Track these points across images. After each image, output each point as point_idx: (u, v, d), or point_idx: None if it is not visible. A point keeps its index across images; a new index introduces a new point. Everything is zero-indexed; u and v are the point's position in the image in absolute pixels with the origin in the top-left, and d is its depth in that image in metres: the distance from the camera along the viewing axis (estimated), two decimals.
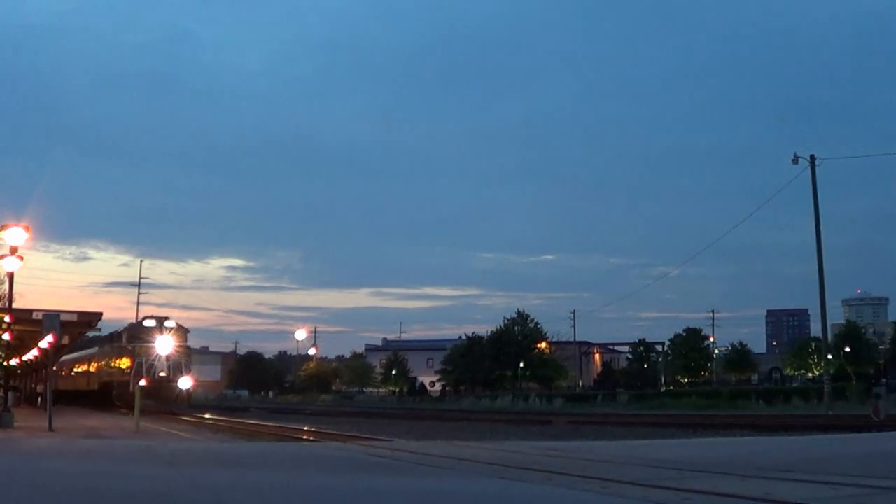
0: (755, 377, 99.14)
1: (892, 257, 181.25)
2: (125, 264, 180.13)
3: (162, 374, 44.25)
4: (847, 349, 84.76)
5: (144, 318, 47.99)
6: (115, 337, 49.44)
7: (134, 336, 45.78)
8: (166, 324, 45.76)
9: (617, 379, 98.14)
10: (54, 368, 60.18)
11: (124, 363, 45.62)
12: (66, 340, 35.09)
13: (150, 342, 43.71)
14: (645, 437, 21.81)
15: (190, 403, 46.03)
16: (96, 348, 54.47)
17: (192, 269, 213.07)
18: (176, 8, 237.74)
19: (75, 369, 59.86)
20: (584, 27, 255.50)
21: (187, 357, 46.78)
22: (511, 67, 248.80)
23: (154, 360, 44.01)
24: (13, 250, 26.11)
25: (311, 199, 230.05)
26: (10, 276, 29.04)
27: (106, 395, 46.64)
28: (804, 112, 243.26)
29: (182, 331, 47.52)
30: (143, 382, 40.27)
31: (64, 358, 60.22)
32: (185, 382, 44.43)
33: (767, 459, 10.22)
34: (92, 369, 53.89)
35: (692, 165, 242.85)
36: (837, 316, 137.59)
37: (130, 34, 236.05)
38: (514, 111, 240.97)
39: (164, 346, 42.45)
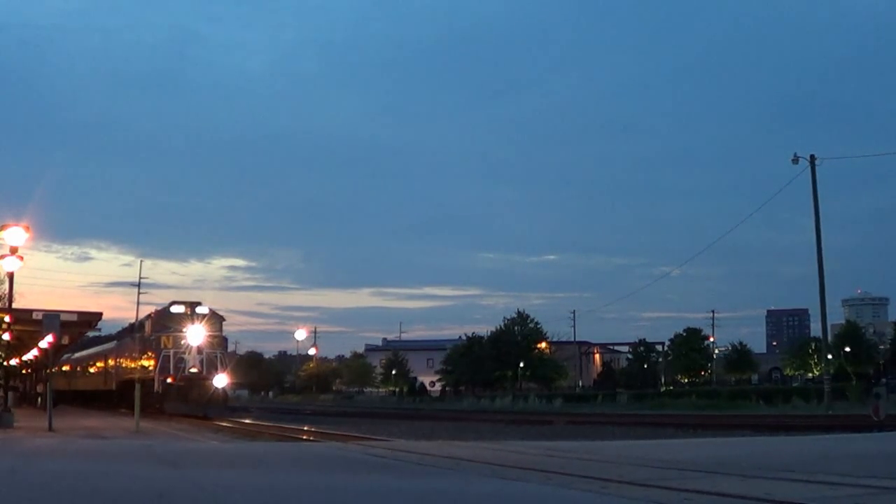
0: (755, 377, 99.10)
1: (892, 257, 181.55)
2: (127, 264, 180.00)
3: (193, 369, 36.64)
4: (847, 349, 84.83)
5: (171, 302, 39.76)
6: (136, 327, 42.91)
7: (159, 325, 38.12)
8: (198, 310, 37.98)
9: (617, 379, 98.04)
10: (66, 367, 58.68)
11: (148, 358, 38.28)
12: (66, 340, 35.01)
13: (178, 332, 36.60)
14: (645, 437, 21.78)
15: (227, 405, 38.55)
16: (114, 343, 48.16)
17: (194, 268, 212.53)
18: (180, 7, 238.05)
19: (90, 367, 53.56)
20: (586, 27, 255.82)
21: (223, 349, 38.98)
22: (513, 67, 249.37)
23: (183, 352, 36.51)
24: (13, 250, 26.17)
25: (312, 198, 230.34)
26: (10, 276, 29.10)
27: (125, 396, 39.42)
28: (804, 112, 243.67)
29: (217, 318, 39.22)
30: (169, 380, 36.10)
31: (78, 354, 56.74)
32: (220, 380, 36.54)
33: (767, 459, 10.23)
34: (109, 366, 46.82)
35: (692, 165, 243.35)
36: (837, 316, 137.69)
37: (134, 34, 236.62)
38: (515, 111, 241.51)
39: (196, 336, 35.83)
